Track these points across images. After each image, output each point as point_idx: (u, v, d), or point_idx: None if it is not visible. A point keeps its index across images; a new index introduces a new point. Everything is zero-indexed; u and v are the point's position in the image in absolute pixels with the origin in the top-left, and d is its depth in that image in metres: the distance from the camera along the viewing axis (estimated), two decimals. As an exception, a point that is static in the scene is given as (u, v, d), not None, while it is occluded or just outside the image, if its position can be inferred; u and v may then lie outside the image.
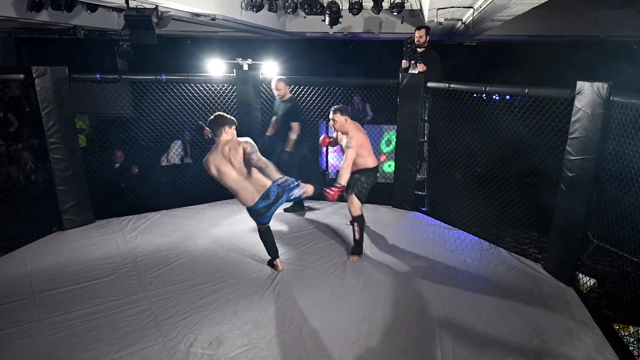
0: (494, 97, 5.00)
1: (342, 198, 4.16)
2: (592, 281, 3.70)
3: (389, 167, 6.54)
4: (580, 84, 3.54)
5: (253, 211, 3.60)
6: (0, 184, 5.88)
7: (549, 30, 7.50)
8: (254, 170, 3.44)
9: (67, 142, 4.52)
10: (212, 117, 3.52)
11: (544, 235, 4.31)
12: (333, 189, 3.86)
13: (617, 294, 3.53)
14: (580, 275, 3.77)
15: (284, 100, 5.00)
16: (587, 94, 3.48)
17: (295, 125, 4.92)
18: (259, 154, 3.38)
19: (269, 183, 3.48)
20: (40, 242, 4.36)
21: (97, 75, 4.64)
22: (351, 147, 3.96)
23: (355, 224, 4.14)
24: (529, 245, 4.56)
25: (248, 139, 3.51)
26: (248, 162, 3.38)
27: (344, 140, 4.06)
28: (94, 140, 7.73)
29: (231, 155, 3.39)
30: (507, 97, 4.59)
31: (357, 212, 4.09)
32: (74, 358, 2.79)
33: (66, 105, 4.48)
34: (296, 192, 3.54)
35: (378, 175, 4.33)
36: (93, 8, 6.67)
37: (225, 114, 3.53)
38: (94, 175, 5.11)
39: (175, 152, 6.60)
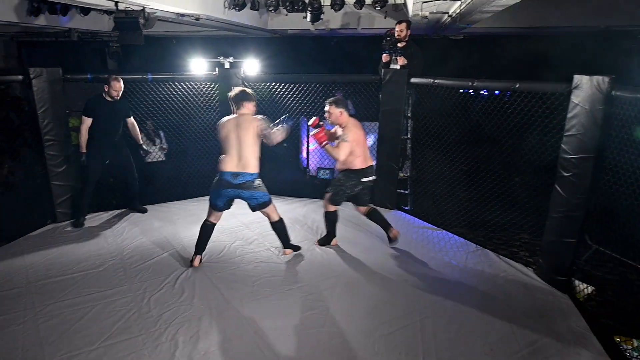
0: (482, 92, 4.36)
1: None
2: (590, 288, 3.13)
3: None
4: (577, 78, 3.02)
5: (219, 179, 3.42)
6: (2, 178, 5.86)
7: (543, 22, 6.49)
8: (248, 149, 3.36)
9: (61, 139, 4.41)
10: (236, 91, 3.46)
11: (536, 237, 3.72)
12: (318, 132, 3.57)
13: (618, 303, 2.95)
14: (577, 282, 3.21)
15: (118, 99, 4.36)
16: (585, 88, 2.97)
17: (132, 120, 4.66)
18: (270, 127, 3.42)
19: (250, 169, 3.35)
20: (37, 234, 4.28)
21: (89, 76, 4.54)
22: (347, 142, 3.54)
23: (325, 219, 3.91)
24: (519, 248, 3.97)
25: (261, 117, 3.45)
26: (264, 136, 3.40)
27: (339, 132, 3.65)
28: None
29: (242, 126, 3.35)
30: (497, 92, 3.94)
31: (327, 209, 3.86)
32: (65, 345, 2.70)
33: (60, 104, 4.36)
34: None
35: (365, 180, 3.71)
36: (85, 11, 6.63)
37: (247, 90, 3.49)
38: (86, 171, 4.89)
39: (146, 145, 6.02)
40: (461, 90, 4.02)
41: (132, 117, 4.61)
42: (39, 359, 2.57)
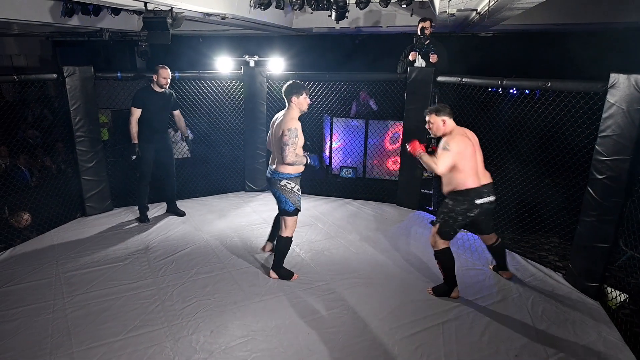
0: (511, 91, 4.21)
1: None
2: (624, 296, 2.98)
3: (393, 164, 5.87)
4: (614, 76, 2.88)
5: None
6: (37, 172, 6.10)
7: (580, 17, 6.00)
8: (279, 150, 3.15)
9: (91, 136, 4.52)
10: (288, 82, 3.18)
11: (566, 241, 3.57)
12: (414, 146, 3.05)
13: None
14: (609, 289, 3.06)
15: (166, 89, 4.30)
16: (622, 87, 2.84)
17: (179, 112, 4.58)
18: (292, 147, 3.01)
19: (280, 169, 3.17)
20: (67, 226, 4.42)
21: (118, 74, 4.63)
22: (448, 151, 2.87)
23: (437, 262, 3.17)
24: (548, 252, 3.82)
25: (294, 126, 3.02)
26: (280, 145, 3.08)
27: (441, 143, 2.96)
28: (115, 133, 7.69)
29: (275, 128, 3.18)
30: (527, 91, 3.81)
31: (436, 246, 3.08)
32: (91, 335, 2.78)
33: (91, 101, 4.48)
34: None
35: (481, 201, 2.96)
36: (116, 12, 6.78)
37: (299, 83, 3.17)
38: (113, 166, 5.07)
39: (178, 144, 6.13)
40: (489, 89, 3.90)
41: (179, 110, 4.55)
42: (67, 347, 2.65)
